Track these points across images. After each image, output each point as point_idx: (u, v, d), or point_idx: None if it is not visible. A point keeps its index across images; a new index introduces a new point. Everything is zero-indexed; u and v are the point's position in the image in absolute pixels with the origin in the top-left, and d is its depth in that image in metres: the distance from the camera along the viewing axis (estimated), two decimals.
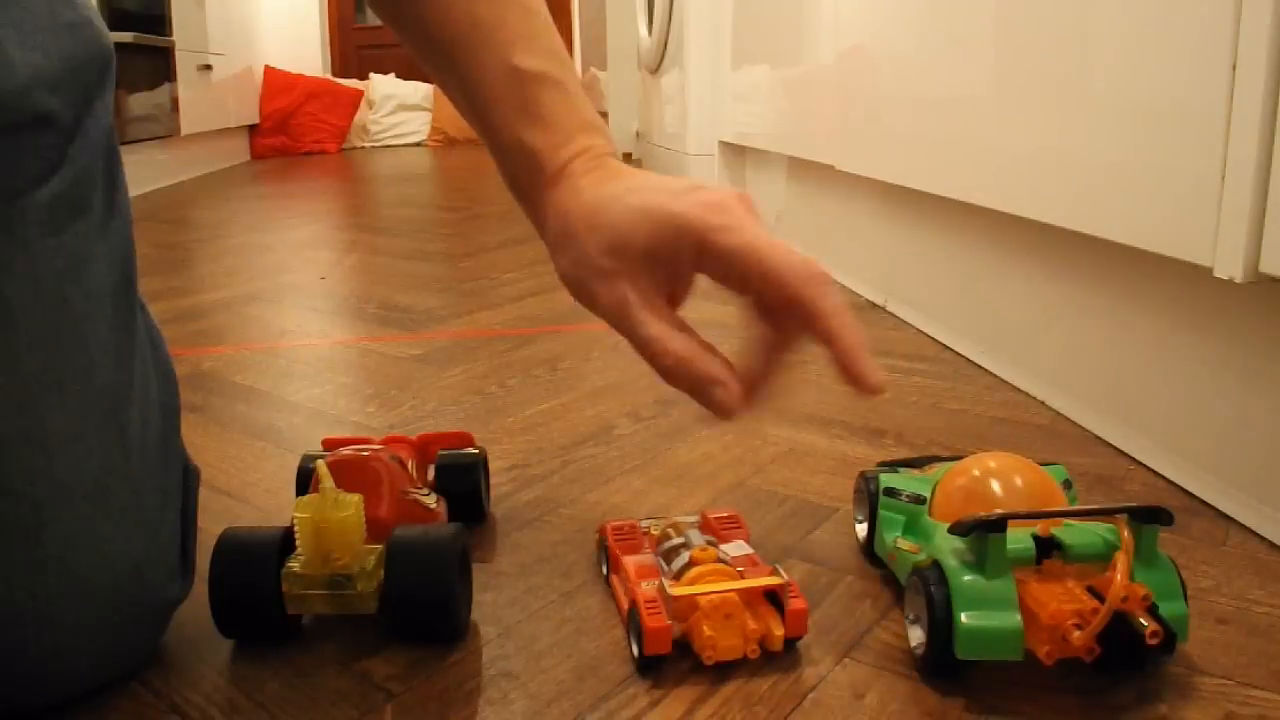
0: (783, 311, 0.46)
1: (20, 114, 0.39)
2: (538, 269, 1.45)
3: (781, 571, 0.47)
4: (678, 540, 0.50)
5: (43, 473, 0.40)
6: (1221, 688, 0.44)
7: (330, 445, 0.60)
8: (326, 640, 0.49)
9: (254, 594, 0.47)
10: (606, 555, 0.54)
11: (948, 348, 1.01)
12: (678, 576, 0.47)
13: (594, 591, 0.54)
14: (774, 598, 0.47)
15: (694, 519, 0.54)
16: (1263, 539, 0.59)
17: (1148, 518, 0.43)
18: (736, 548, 0.50)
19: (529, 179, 0.50)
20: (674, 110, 2.02)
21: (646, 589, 0.47)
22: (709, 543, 0.50)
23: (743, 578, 0.47)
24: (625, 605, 0.49)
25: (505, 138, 0.49)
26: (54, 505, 0.40)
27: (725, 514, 0.54)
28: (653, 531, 0.53)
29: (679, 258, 0.46)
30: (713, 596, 0.45)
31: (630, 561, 0.50)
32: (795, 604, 0.46)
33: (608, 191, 0.47)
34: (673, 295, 0.48)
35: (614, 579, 0.53)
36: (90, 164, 0.42)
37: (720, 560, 0.48)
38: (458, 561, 0.48)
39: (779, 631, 0.46)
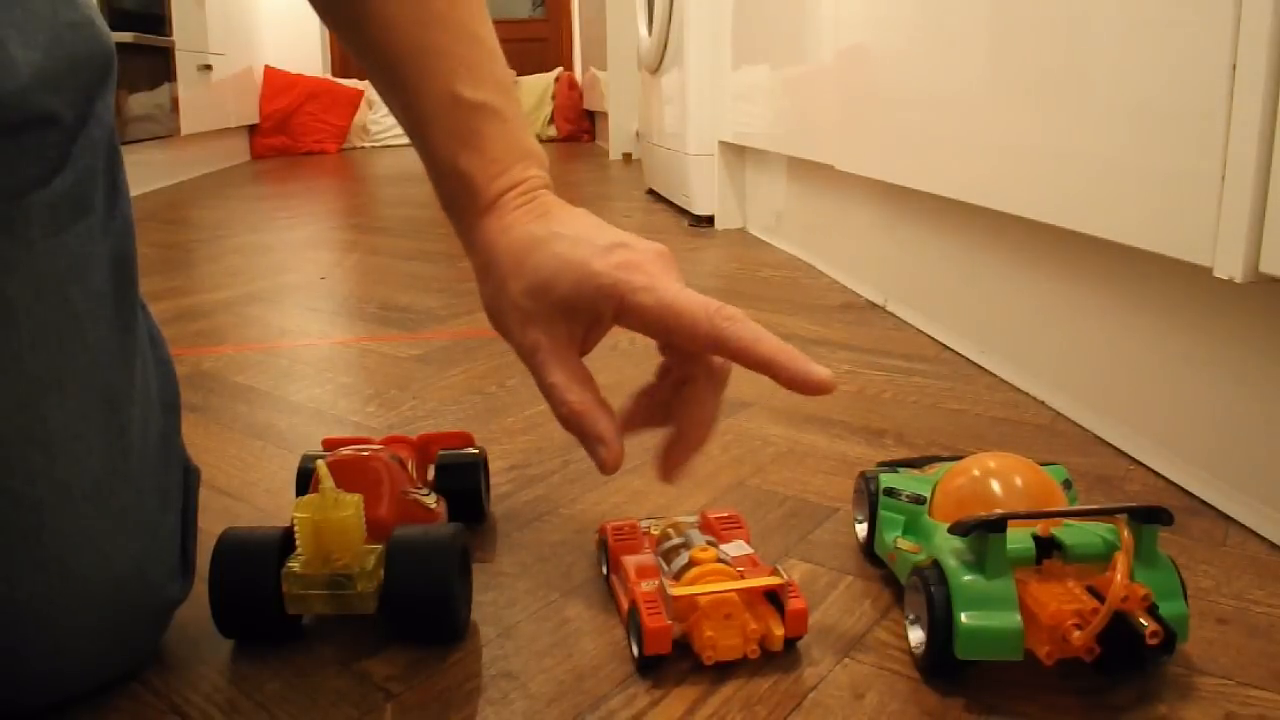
0: (707, 359, 0.49)
1: (22, 114, 0.39)
2: None
3: (782, 571, 0.47)
4: (677, 540, 0.50)
5: (43, 472, 0.40)
6: (1221, 688, 0.44)
7: (330, 445, 0.60)
8: (326, 640, 0.49)
9: (254, 594, 0.47)
10: (606, 555, 0.54)
11: (948, 348, 1.01)
12: (677, 576, 0.47)
13: (594, 591, 0.54)
14: (774, 598, 0.47)
15: (694, 519, 0.54)
16: (1263, 539, 0.59)
17: (1148, 518, 0.43)
18: (736, 548, 0.50)
19: (462, 204, 0.51)
20: (674, 110, 2.02)
21: (646, 589, 0.47)
22: (709, 543, 0.50)
23: (743, 578, 0.47)
24: (625, 605, 0.49)
25: (442, 162, 0.51)
26: (54, 505, 0.40)
27: (725, 514, 0.54)
28: (652, 531, 0.53)
29: (598, 315, 0.48)
30: (712, 596, 0.45)
31: (630, 561, 0.50)
32: (795, 604, 0.46)
33: (535, 232, 0.49)
34: (585, 341, 0.50)
35: (614, 579, 0.53)
36: (92, 164, 0.42)
37: (720, 560, 0.48)
38: (458, 561, 0.48)
39: (779, 631, 0.46)
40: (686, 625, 0.46)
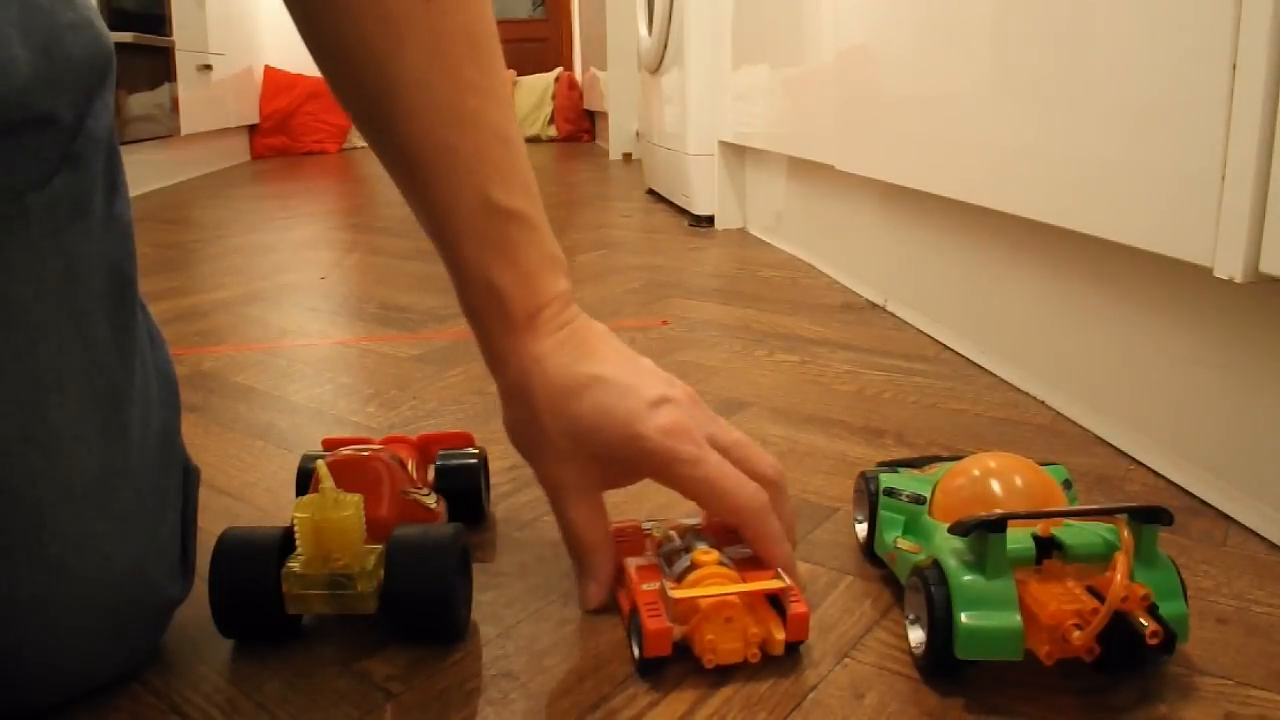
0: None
1: (21, 114, 0.39)
2: None
3: (784, 575, 0.47)
4: (680, 543, 0.50)
5: (43, 473, 0.40)
6: (1221, 688, 0.44)
7: (330, 445, 0.60)
8: (326, 640, 0.49)
9: (254, 594, 0.47)
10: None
11: (948, 348, 1.01)
12: (679, 579, 0.47)
13: None
14: (776, 601, 0.47)
15: (696, 521, 0.53)
16: (1263, 539, 0.59)
17: (1148, 518, 0.43)
18: (739, 550, 0.50)
19: (492, 318, 0.51)
20: (674, 110, 2.02)
21: (647, 590, 0.47)
22: (712, 545, 0.49)
23: (745, 581, 0.47)
24: (626, 607, 0.49)
25: (471, 270, 0.50)
26: (54, 505, 0.40)
27: None
28: (655, 534, 0.53)
29: (635, 468, 0.50)
30: (713, 599, 0.45)
31: (632, 563, 0.50)
32: (796, 608, 0.46)
33: (575, 373, 0.49)
34: (613, 481, 0.52)
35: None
36: (91, 164, 0.42)
37: (722, 563, 0.47)
38: (458, 561, 0.48)
39: (780, 635, 0.46)
40: (687, 628, 0.46)
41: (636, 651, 0.46)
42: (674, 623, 0.45)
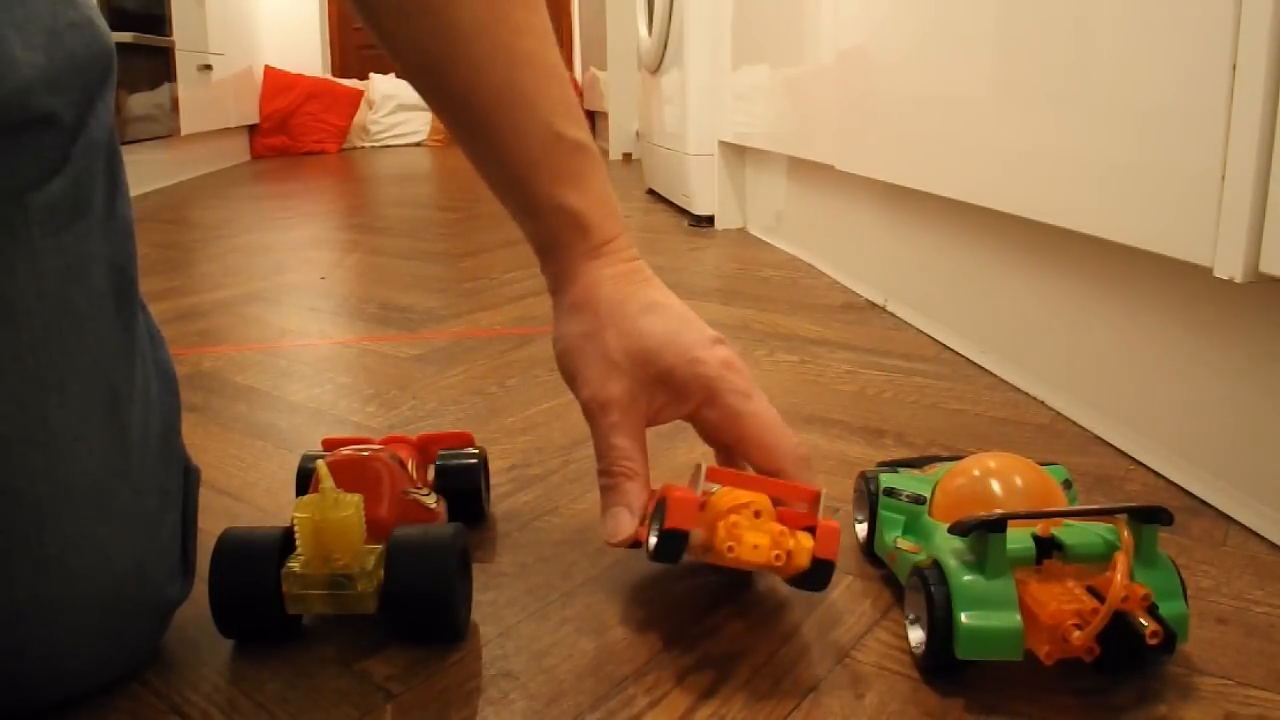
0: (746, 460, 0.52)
1: (22, 114, 0.39)
2: (537, 269, 1.45)
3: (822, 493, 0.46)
4: (706, 488, 0.48)
5: (44, 473, 0.40)
6: (1221, 688, 0.44)
7: (330, 445, 0.60)
8: (326, 640, 0.49)
9: (254, 594, 0.47)
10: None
11: (948, 348, 1.01)
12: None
13: (594, 591, 0.54)
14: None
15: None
16: (1263, 539, 0.59)
17: (1148, 518, 0.44)
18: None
19: (568, 241, 0.51)
20: (674, 110, 2.02)
21: (678, 486, 0.46)
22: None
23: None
24: (651, 508, 0.47)
25: (544, 200, 0.51)
26: (55, 505, 0.40)
27: None
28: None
29: (684, 398, 0.50)
30: (742, 494, 0.44)
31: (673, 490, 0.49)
32: (828, 522, 0.44)
33: (645, 296, 0.51)
34: (655, 415, 0.52)
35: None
36: (92, 164, 0.42)
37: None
38: (458, 561, 0.48)
39: (808, 544, 0.44)
40: (713, 527, 0.44)
41: (655, 537, 0.44)
42: (702, 524, 0.44)
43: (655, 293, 0.52)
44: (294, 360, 1.01)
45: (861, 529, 0.56)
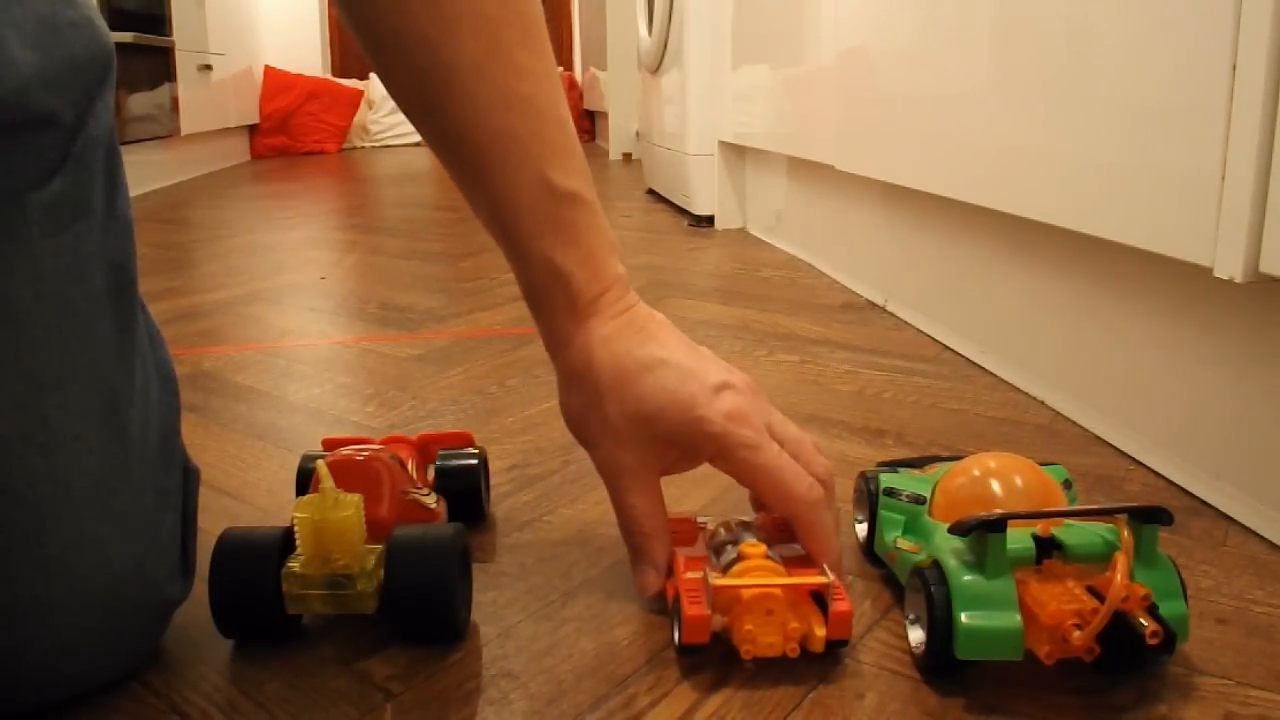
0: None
1: (22, 114, 0.39)
2: None
3: (829, 572, 0.46)
4: (729, 536, 0.50)
5: (44, 473, 0.40)
6: (1221, 688, 0.44)
7: (330, 445, 0.60)
8: (326, 640, 0.49)
9: (254, 594, 0.47)
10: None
11: (948, 348, 1.01)
12: (725, 569, 0.47)
13: (594, 591, 0.54)
14: (820, 599, 0.46)
15: (750, 519, 0.53)
16: (1263, 539, 0.59)
17: (1148, 518, 0.43)
18: (789, 549, 0.49)
19: (556, 303, 0.50)
20: (674, 110, 2.02)
21: (690, 578, 0.47)
22: (761, 540, 0.49)
23: (790, 577, 0.46)
24: (670, 594, 0.49)
25: (532, 254, 0.50)
26: (55, 505, 0.40)
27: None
28: (709, 526, 0.52)
29: (695, 454, 0.50)
30: (755, 590, 0.44)
31: (681, 552, 0.50)
32: (839, 605, 0.45)
33: (638, 355, 0.49)
34: (671, 467, 0.52)
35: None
36: (91, 164, 0.42)
37: (769, 557, 0.47)
38: (458, 561, 0.48)
39: (820, 632, 0.45)
40: (728, 618, 0.45)
41: (676, 637, 0.46)
42: (715, 611, 0.45)
43: (652, 345, 0.49)
44: (294, 360, 1.01)
45: (861, 529, 0.56)
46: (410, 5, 0.46)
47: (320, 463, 0.48)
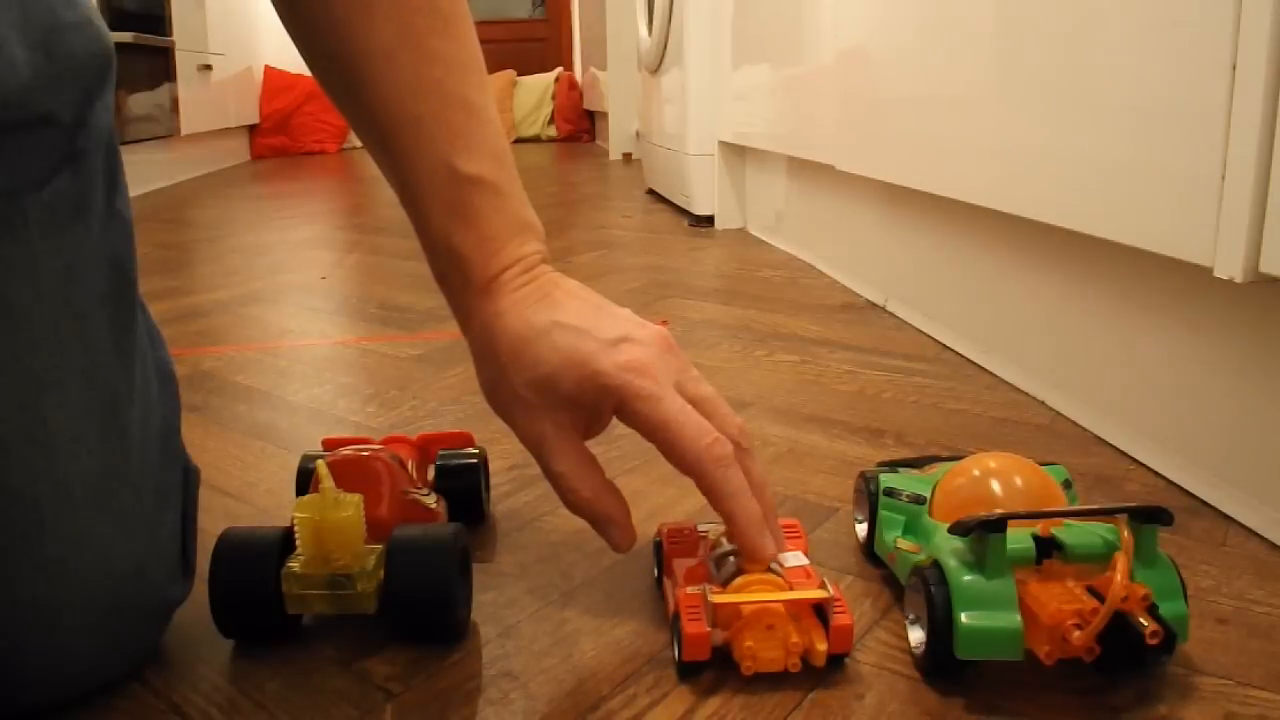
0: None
1: (22, 114, 0.39)
2: None
3: (830, 585, 0.46)
4: (730, 547, 0.48)
5: (44, 473, 0.40)
6: (1221, 688, 0.44)
7: (330, 445, 0.60)
8: (326, 640, 0.49)
9: (254, 594, 0.47)
10: (660, 558, 0.53)
11: (948, 348, 1.01)
12: (726, 583, 0.46)
13: (594, 591, 0.54)
14: (821, 612, 0.46)
15: None
16: (1263, 539, 0.59)
17: (1148, 518, 0.43)
18: (793, 558, 0.48)
19: (456, 283, 0.50)
20: (674, 110, 2.02)
21: (690, 594, 0.46)
22: None
23: (791, 590, 0.45)
24: (670, 609, 0.48)
25: (436, 236, 0.50)
26: (55, 505, 0.40)
27: (784, 522, 0.52)
28: (710, 536, 0.51)
29: (600, 409, 0.49)
30: (755, 606, 0.44)
31: (681, 565, 0.49)
32: (840, 619, 0.45)
33: (534, 321, 0.48)
34: (589, 429, 0.51)
35: (666, 582, 0.52)
36: (91, 164, 0.42)
37: (771, 570, 0.46)
38: (458, 561, 0.48)
39: (822, 646, 0.45)
40: (728, 634, 0.45)
41: (676, 654, 0.46)
42: (715, 628, 0.44)
43: (548, 309, 0.48)
44: (294, 360, 1.01)
45: (861, 529, 0.56)
46: None
47: (320, 463, 0.48)
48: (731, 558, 0.47)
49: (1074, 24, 0.73)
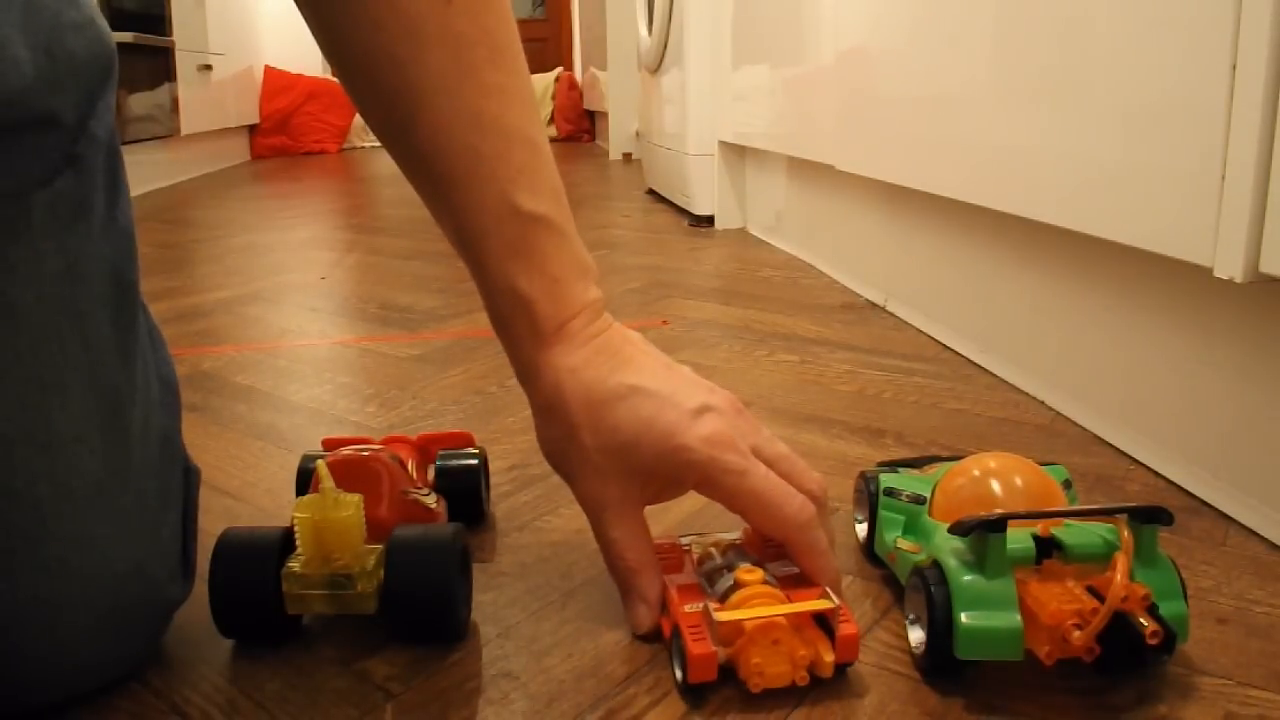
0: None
1: (24, 114, 0.39)
2: None
3: (831, 594, 0.45)
4: (721, 561, 0.48)
5: (44, 473, 0.40)
6: (1221, 688, 0.44)
7: (330, 445, 0.60)
8: (326, 640, 0.49)
9: (254, 594, 0.47)
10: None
11: (948, 348, 1.01)
12: (723, 599, 0.45)
13: (594, 591, 0.54)
14: (824, 621, 0.45)
15: (736, 536, 0.51)
16: (1263, 539, 0.59)
17: (1148, 518, 0.44)
18: (783, 567, 0.48)
19: (520, 330, 0.49)
20: (674, 110, 2.02)
21: (690, 612, 0.45)
22: (755, 563, 0.47)
23: (791, 600, 0.45)
24: (668, 628, 0.47)
25: (496, 279, 0.48)
26: (55, 505, 0.40)
27: None
28: (695, 550, 0.51)
29: (678, 482, 0.49)
30: (760, 621, 0.43)
31: (673, 582, 0.48)
32: (846, 629, 0.44)
33: (611, 384, 0.47)
34: (657, 496, 0.50)
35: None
36: (92, 164, 0.42)
37: (767, 582, 0.45)
38: (458, 561, 0.48)
39: (829, 657, 0.44)
40: (732, 651, 0.44)
41: (679, 675, 0.44)
42: (718, 645, 0.43)
43: (624, 371, 0.48)
44: (294, 360, 1.01)
45: (861, 529, 0.57)
46: (380, 23, 0.45)
47: (320, 463, 0.48)
48: (724, 572, 0.46)
49: (1074, 23, 0.73)
